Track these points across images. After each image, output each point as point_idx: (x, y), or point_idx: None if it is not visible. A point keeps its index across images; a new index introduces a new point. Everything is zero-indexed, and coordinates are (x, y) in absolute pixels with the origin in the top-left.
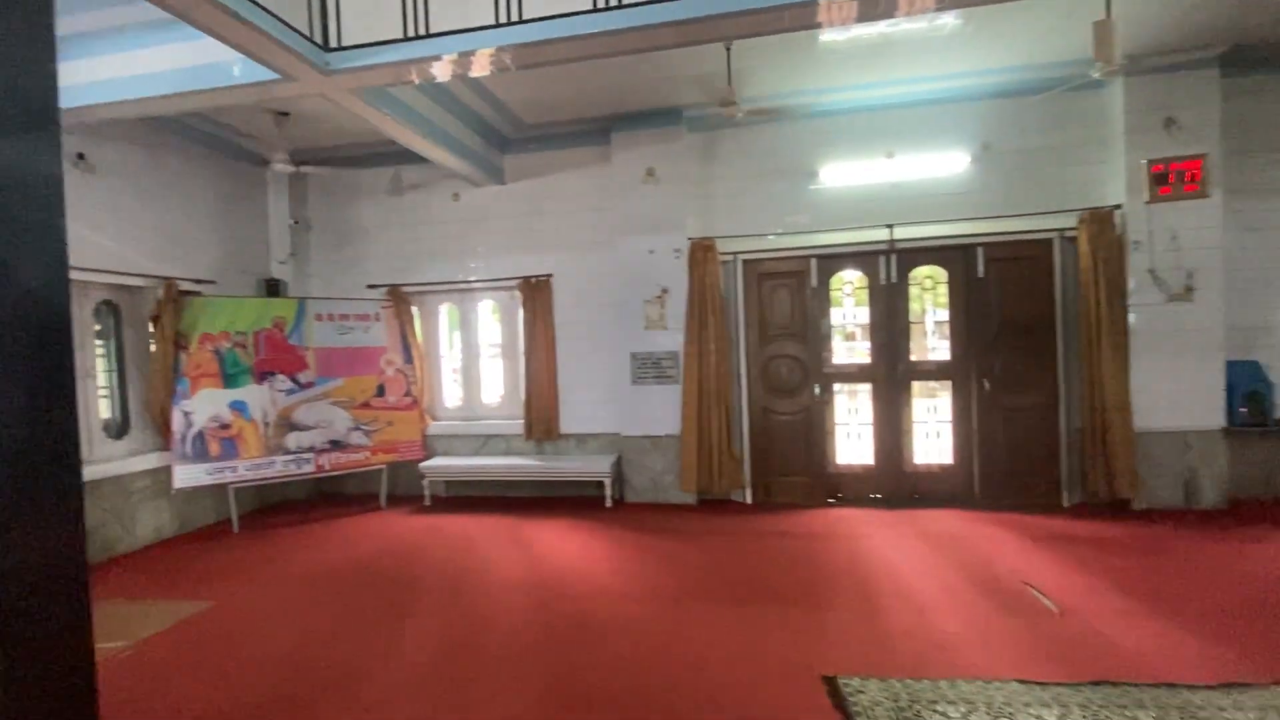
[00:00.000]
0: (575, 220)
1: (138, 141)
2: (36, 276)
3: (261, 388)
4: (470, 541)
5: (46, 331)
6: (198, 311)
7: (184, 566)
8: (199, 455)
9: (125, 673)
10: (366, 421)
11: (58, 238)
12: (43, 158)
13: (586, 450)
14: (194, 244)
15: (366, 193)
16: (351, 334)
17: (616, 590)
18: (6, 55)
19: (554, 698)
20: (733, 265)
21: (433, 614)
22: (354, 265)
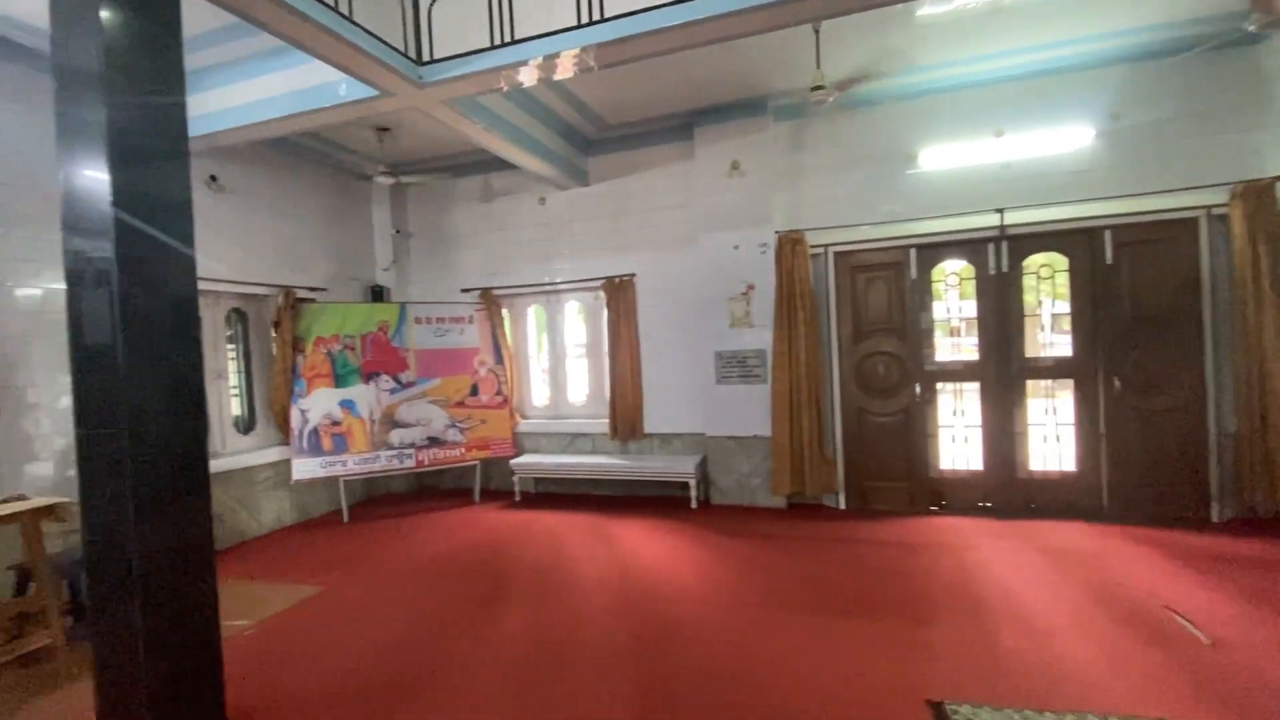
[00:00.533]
0: (658, 219)
1: (259, 162)
2: (172, 290)
3: (368, 387)
4: (558, 538)
5: (181, 339)
6: (312, 317)
7: (300, 553)
8: (314, 450)
9: (248, 650)
10: (461, 419)
11: (189, 255)
12: (176, 184)
13: (671, 450)
14: (308, 255)
15: (459, 200)
16: (447, 336)
17: (704, 595)
18: (146, 95)
19: (645, 703)
20: (823, 258)
21: (524, 608)
22: (449, 270)
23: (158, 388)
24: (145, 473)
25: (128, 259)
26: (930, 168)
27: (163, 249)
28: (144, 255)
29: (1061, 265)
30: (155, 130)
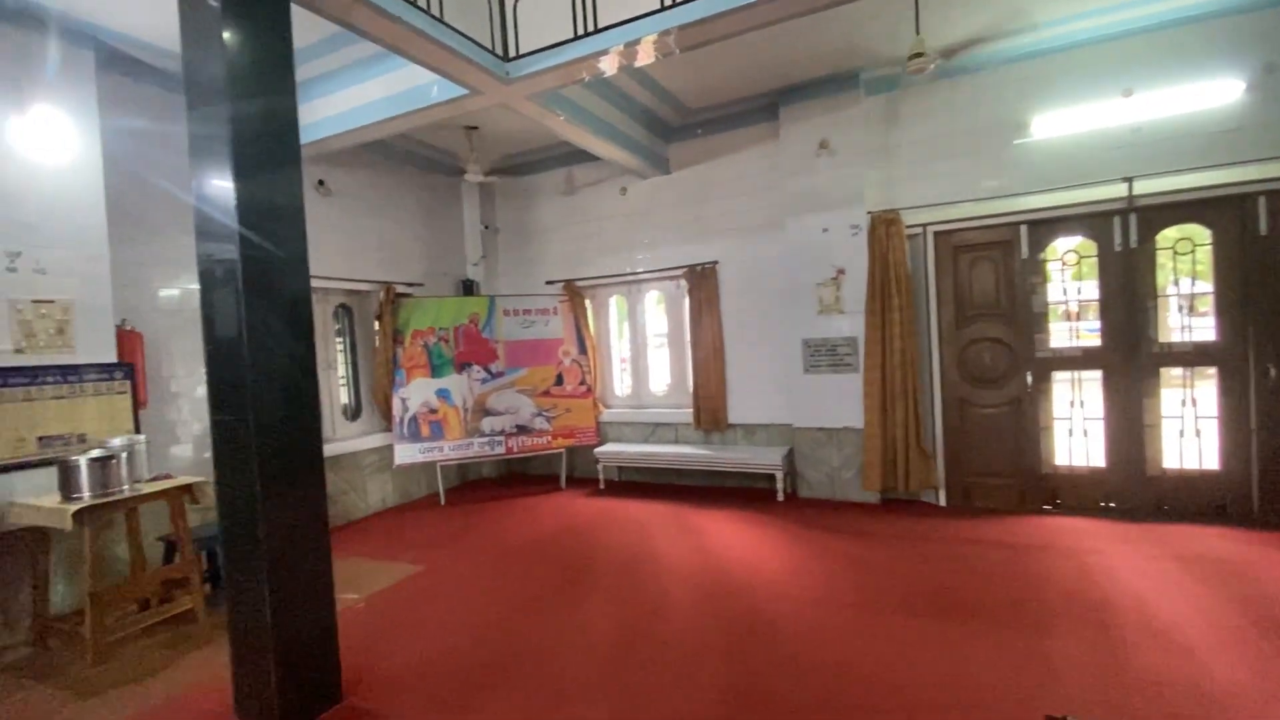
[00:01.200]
0: (741, 204)
1: (360, 165)
2: (288, 287)
3: (461, 377)
4: (641, 526)
5: (294, 335)
6: (410, 311)
7: (402, 533)
8: (413, 436)
9: (358, 622)
10: (547, 408)
11: (302, 255)
12: (290, 190)
13: (755, 441)
14: (405, 252)
15: (543, 194)
16: (533, 327)
17: (794, 590)
18: (264, 108)
19: (736, 697)
20: (921, 239)
21: (611, 595)
22: (534, 263)
23: (277, 378)
24: (269, 456)
25: (250, 260)
26: (1044, 136)
27: (280, 250)
28: (263, 256)
29: (1203, 239)
30: (272, 141)
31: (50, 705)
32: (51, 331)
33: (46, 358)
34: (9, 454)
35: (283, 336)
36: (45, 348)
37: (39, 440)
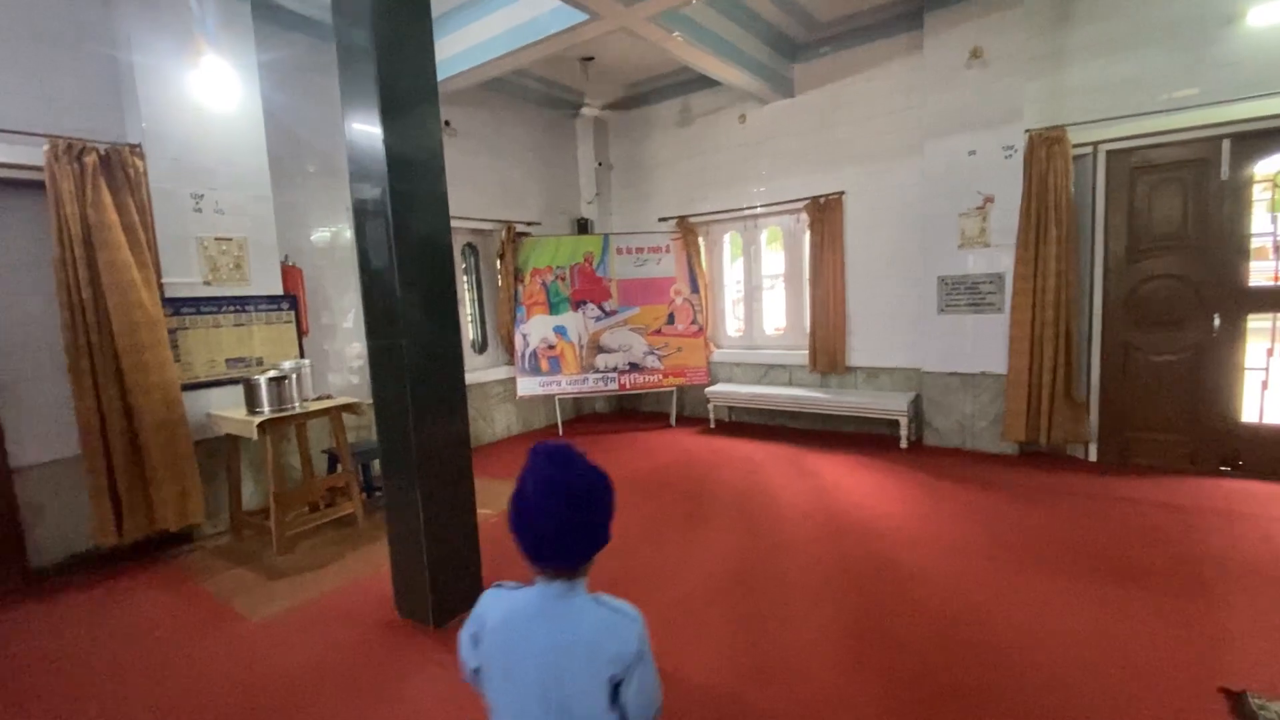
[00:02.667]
0: (873, 128)
1: (481, 105)
2: (427, 225)
3: (577, 314)
4: (755, 466)
5: (436, 268)
6: (529, 250)
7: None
8: (533, 370)
9: (494, 532)
10: (659, 347)
11: (441, 191)
12: (430, 130)
13: (877, 385)
14: (524, 191)
15: (657, 128)
16: (646, 265)
17: (919, 538)
18: (404, 52)
19: (858, 637)
20: (1090, 159)
21: (726, 529)
22: (647, 200)
23: (424, 304)
24: (420, 377)
25: (397, 195)
26: (1264, 24)
27: (422, 187)
28: (409, 191)
29: None
30: (413, 84)
31: (249, 584)
32: (230, 266)
33: (227, 289)
34: (205, 373)
35: (427, 266)
36: (226, 280)
37: (227, 362)
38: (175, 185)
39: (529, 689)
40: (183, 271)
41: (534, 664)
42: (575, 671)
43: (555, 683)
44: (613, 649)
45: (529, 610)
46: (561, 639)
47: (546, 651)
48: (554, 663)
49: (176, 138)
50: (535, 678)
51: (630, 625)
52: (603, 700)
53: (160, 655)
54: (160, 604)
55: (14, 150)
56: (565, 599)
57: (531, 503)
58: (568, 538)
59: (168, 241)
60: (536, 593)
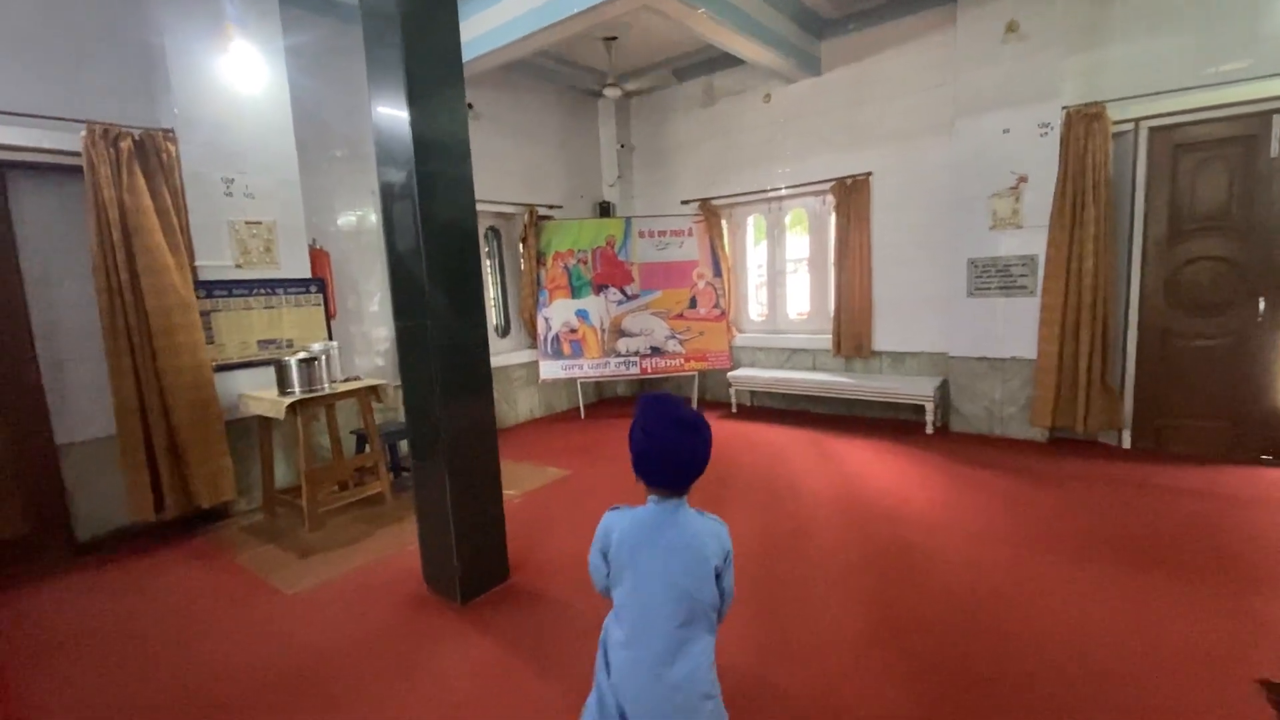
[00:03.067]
0: (903, 106)
1: (504, 88)
2: (453, 208)
3: (599, 298)
4: (777, 450)
5: (462, 251)
6: (551, 233)
7: (548, 441)
8: (556, 354)
9: (518, 513)
10: (680, 331)
11: (467, 172)
12: (455, 113)
13: (903, 370)
14: (546, 174)
15: (679, 109)
16: (667, 249)
17: (945, 524)
18: (430, 34)
19: (883, 620)
20: (1130, 137)
21: (748, 511)
22: (669, 182)
23: (450, 287)
24: (446, 359)
25: (423, 176)
26: None
27: (448, 168)
28: (434, 173)
29: None
30: (438, 66)
31: (282, 559)
32: (261, 249)
33: (258, 272)
34: (237, 355)
35: (453, 249)
36: (257, 264)
37: (258, 344)
38: (207, 169)
39: (655, 579)
40: (215, 254)
41: (661, 560)
42: (690, 563)
43: (679, 572)
44: (715, 546)
45: (651, 521)
46: (680, 540)
47: (670, 549)
48: (676, 558)
49: (207, 122)
50: (662, 569)
51: (724, 529)
52: (710, 584)
53: (200, 625)
54: (199, 577)
55: (53, 136)
56: (678, 511)
57: (659, 437)
58: (687, 462)
59: (200, 225)
60: (654, 508)
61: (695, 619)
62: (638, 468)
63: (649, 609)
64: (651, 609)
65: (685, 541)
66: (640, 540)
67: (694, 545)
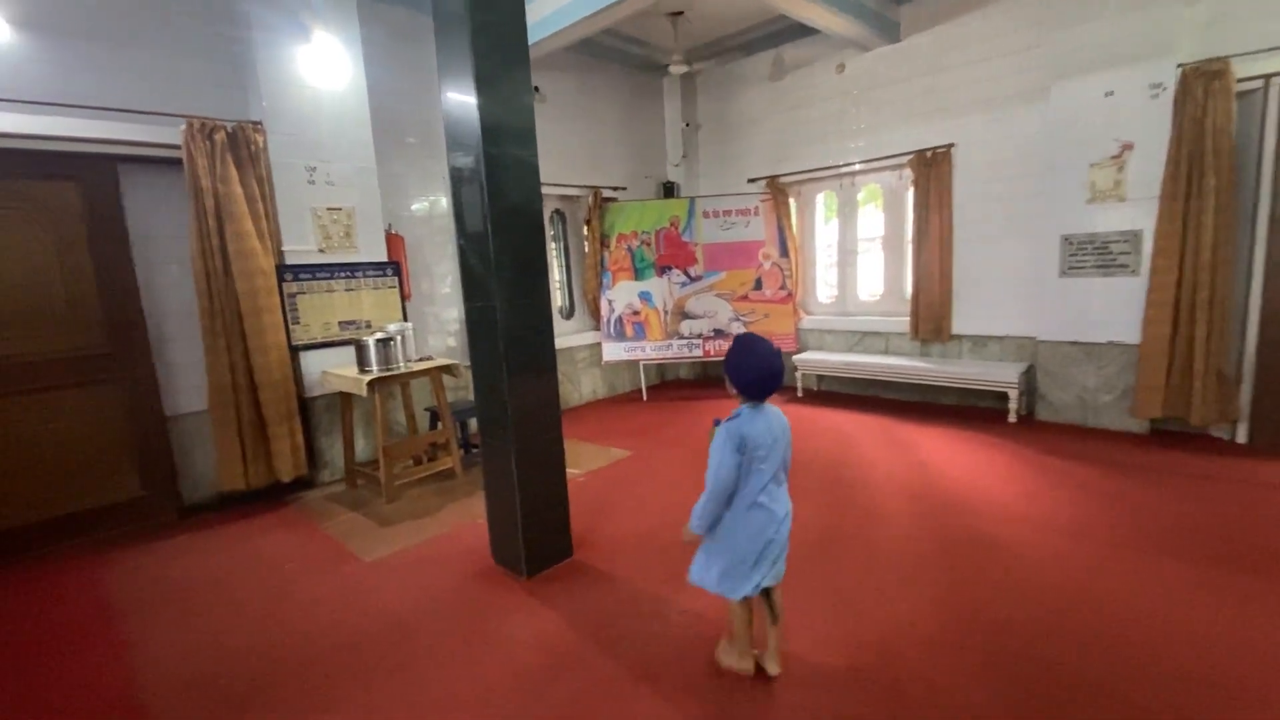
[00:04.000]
0: (990, 71)
1: (569, 69)
2: (519, 191)
3: (661, 280)
4: (846, 436)
5: (528, 233)
6: (614, 215)
7: (611, 422)
8: (618, 336)
9: (581, 491)
10: (745, 313)
11: (532, 158)
12: (522, 97)
13: (985, 355)
14: (610, 155)
15: (747, 84)
16: (733, 229)
17: (1030, 518)
18: (493, 13)
19: (958, 616)
20: (1259, 96)
21: (814, 497)
22: (735, 160)
23: (517, 269)
24: (513, 339)
25: (491, 159)
26: None
27: (515, 151)
28: (501, 155)
29: None
30: (506, 51)
31: (361, 528)
32: (341, 234)
33: (338, 256)
34: (321, 334)
35: (519, 231)
36: (337, 248)
37: (339, 324)
38: (291, 159)
39: (775, 454)
40: (300, 240)
41: (778, 441)
42: (785, 442)
43: (785, 448)
44: (788, 429)
45: (763, 417)
46: (779, 425)
47: (778, 432)
48: (780, 438)
49: (291, 113)
50: (781, 445)
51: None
52: (789, 455)
53: (288, 586)
54: (288, 541)
55: (157, 130)
56: (770, 409)
57: (757, 360)
58: (777, 380)
59: (286, 212)
60: (756, 409)
61: (784, 471)
62: (743, 386)
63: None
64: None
65: (784, 427)
66: (763, 430)
67: (787, 430)
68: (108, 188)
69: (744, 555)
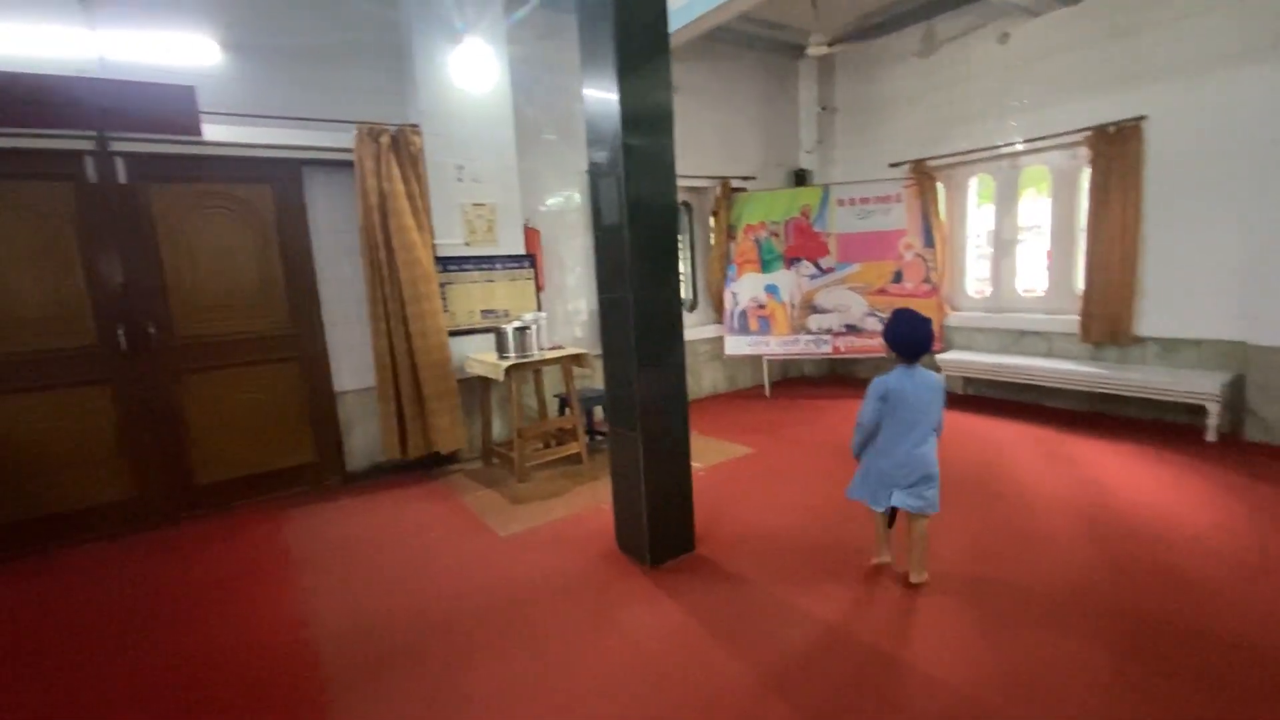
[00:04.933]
0: (1195, 29)
1: (702, 57)
2: (656, 183)
3: (789, 273)
4: (996, 446)
5: (662, 225)
6: (742, 205)
7: (732, 417)
8: (742, 329)
9: (702, 485)
10: (881, 308)
11: (669, 151)
12: (661, 91)
13: (1177, 361)
14: (741, 144)
15: (892, 62)
16: (870, 218)
17: (1227, 551)
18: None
19: (1137, 658)
20: None
21: (958, 510)
22: (876, 144)
23: (650, 261)
24: (644, 330)
25: (630, 151)
26: None
27: (653, 144)
28: (640, 147)
29: None
30: (647, 40)
31: (497, 504)
32: (484, 229)
33: (481, 249)
34: (465, 322)
35: (654, 223)
36: (480, 241)
37: (481, 313)
38: (443, 158)
39: (919, 409)
40: (449, 234)
41: (922, 397)
42: (930, 400)
43: (931, 404)
44: (939, 387)
45: (909, 377)
46: (926, 383)
47: (923, 389)
48: (926, 396)
49: (444, 114)
50: (925, 401)
51: (941, 378)
52: (938, 408)
53: (432, 551)
54: (433, 511)
55: (334, 136)
56: (919, 370)
57: (905, 327)
58: (920, 342)
59: (438, 207)
60: (906, 370)
61: (930, 428)
62: (894, 346)
63: (912, 421)
64: (910, 422)
65: (931, 384)
66: (908, 387)
67: (935, 388)
68: (295, 188)
69: (880, 478)
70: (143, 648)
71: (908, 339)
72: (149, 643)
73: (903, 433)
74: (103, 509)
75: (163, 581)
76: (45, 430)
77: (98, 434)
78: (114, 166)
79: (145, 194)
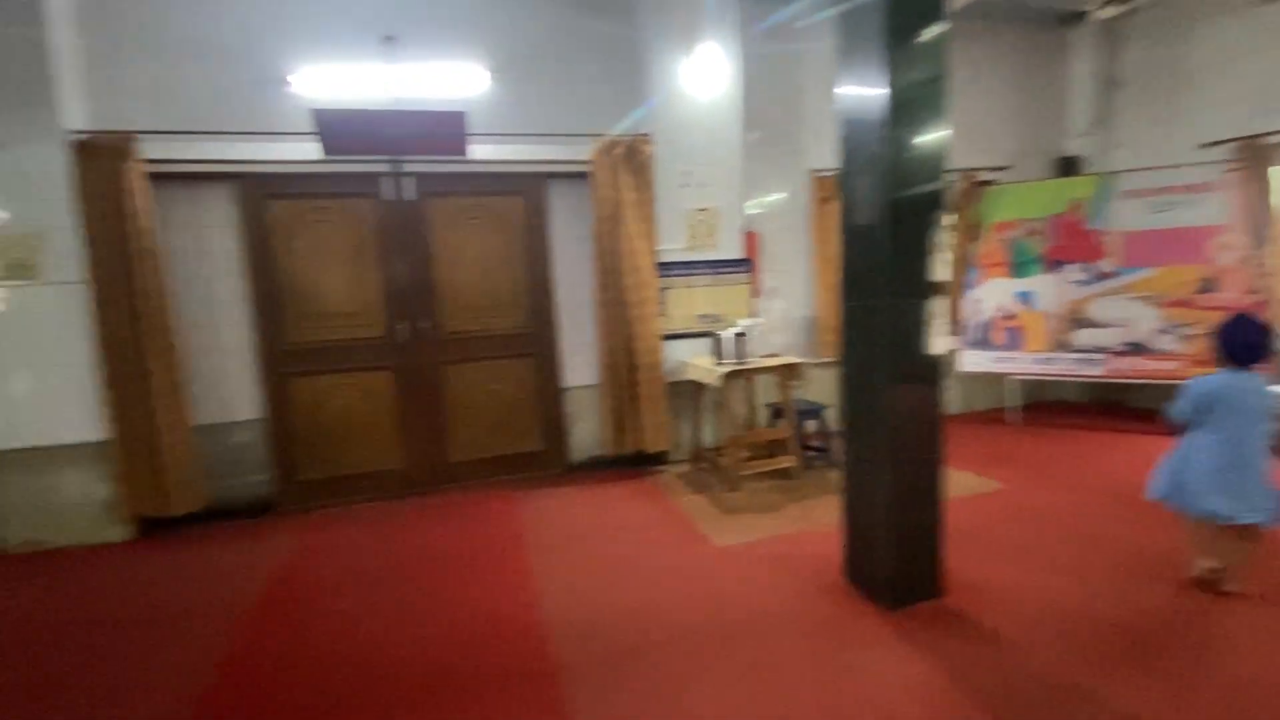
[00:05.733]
0: None
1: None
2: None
3: (1051, 278)
4: None
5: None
6: (990, 201)
7: (968, 444)
8: (984, 342)
9: None
10: (1184, 323)
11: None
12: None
13: None
14: (991, 131)
15: (1214, 13)
16: (1170, 211)
17: None
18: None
19: None
20: None
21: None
22: (1179, 122)
23: (905, 264)
24: (897, 343)
25: (895, 140)
26: None
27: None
28: (906, 139)
29: None
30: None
31: (709, 511)
32: (704, 233)
33: (701, 254)
34: (683, 326)
35: (915, 223)
36: (700, 246)
37: (698, 318)
38: (670, 165)
39: (1250, 414)
40: (671, 239)
41: (1254, 403)
42: (1264, 407)
43: (1264, 411)
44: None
45: (1239, 381)
46: (1251, 391)
47: (1258, 395)
48: (1260, 402)
49: (673, 122)
50: (1256, 407)
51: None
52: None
53: (653, 550)
54: (649, 509)
55: (575, 149)
56: (1248, 378)
57: (1239, 331)
58: (1252, 348)
59: (663, 214)
60: (1236, 374)
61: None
62: (1233, 353)
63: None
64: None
65: (1264, 392)
66: (1236, 392)
67: (1261, 393)
68: (541, 199)
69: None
70: (408, 601)
71: (1237, 343)
72: (408, 601)
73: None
74: (382, 475)
75: (424, 542)
76: (348, 405)
77: (384, 412)
78: (403, 185)
79: (426, 208)
